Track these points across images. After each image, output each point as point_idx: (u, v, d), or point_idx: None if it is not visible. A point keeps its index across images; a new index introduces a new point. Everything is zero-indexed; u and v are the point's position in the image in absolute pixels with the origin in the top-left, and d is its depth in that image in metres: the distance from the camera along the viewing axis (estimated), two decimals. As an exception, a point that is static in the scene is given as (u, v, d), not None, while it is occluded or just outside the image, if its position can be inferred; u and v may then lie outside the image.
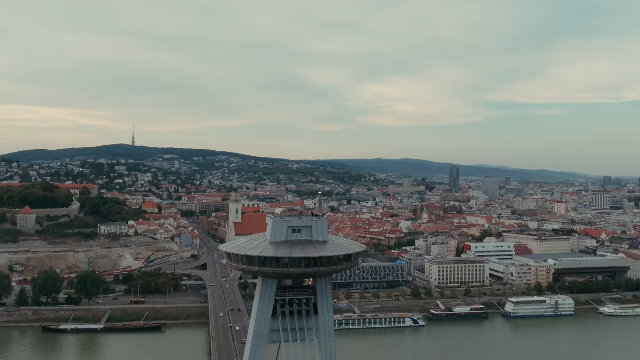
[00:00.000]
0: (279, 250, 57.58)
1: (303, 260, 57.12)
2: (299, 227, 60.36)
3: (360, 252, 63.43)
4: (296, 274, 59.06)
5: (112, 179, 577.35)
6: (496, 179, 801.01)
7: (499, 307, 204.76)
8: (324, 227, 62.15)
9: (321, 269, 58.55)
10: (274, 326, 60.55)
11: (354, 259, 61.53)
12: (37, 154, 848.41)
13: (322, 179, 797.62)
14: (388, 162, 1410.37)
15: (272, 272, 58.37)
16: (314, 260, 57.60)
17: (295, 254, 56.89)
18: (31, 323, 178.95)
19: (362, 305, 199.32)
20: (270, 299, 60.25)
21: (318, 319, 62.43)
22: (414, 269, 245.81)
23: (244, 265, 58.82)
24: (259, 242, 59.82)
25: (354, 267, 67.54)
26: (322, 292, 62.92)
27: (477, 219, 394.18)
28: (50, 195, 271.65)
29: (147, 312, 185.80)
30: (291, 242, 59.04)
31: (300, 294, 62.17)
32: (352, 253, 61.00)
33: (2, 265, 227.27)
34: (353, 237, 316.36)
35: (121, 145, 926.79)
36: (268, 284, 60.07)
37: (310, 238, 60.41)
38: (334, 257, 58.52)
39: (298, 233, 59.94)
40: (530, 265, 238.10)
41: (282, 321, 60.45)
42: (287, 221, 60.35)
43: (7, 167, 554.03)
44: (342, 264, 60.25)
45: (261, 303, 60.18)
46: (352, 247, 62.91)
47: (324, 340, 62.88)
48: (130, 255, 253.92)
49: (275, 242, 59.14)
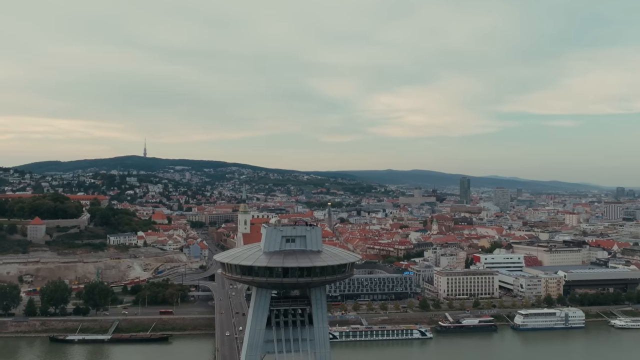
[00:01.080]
0: (272, 260, 57.41)
1: (296, 270, 56.90)
2: (292, 236, 60.13)
3: (354, 262, 62.90)
4: (289, 283, 58.78)
5: (123, 190, 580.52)
6: (507, 190, 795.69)
7: (508, 319, 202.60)
8: (317, 237, 61.88)
9: (314, 278, 58.23)
10: (268, 336, 60.23)
11: (348, 269, 61.16)
12: (50, 166, 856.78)
13: (332, 190, 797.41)
14: (399, 173, 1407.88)
15: (265, 281, 58.13)
16: (307, 270, 57.38)
17: (289, 263, 56.71)
18: (39, 333, 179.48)
19: (369, 316, 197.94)
20: (264, 309, 59.96)
21: (313, 330, 61.99)
22: (422, 280, 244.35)
23: (237, 275, 58.68)
24: (252, 252, 59.70)
25: (348, 277, 67.12)
26: (316, 302, 62.55)
27: (487, 230, 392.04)
28: (60, 206, 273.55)
29: (154, 323, 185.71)
30: (285, 251, 58.85)
31: (294, 304, 61.86)
32: (346, 263, 60.66)
33: (12, 275, 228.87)
34: (362, 249, 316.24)
35: (133, 157, 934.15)
36: (262, 294, 59.86)
37: (305, 248, 60.16)
38: (327, 267, 58.25)
39: (292, 243, 59.74)
40: (540, 276, 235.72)
41: (276, 331, 60.11)
42: (280, 231, 60.18)
43: (20, 178, 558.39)
44: (336, 274, 59.93)
45: (255, 313, 59.95)
46: (346, 257, 62.58)
47: (318, 351, 62.38)
48: (138, 266, 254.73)
49: (269, 251, 59.00)
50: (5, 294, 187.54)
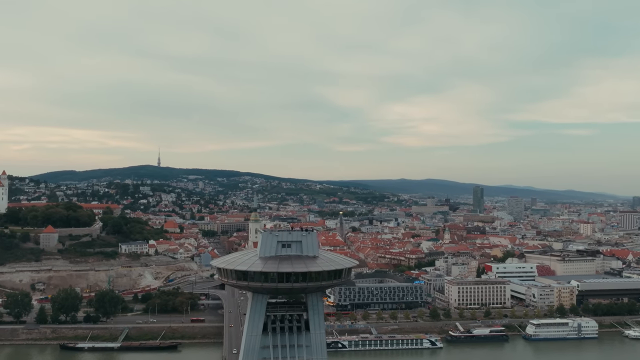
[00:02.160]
0: (267, 265, 57.35)
1: (291, 275, 56.74)
2: (288, 242, 60.08)
3: (351, 268, 62.62)
4: (284, 289, 58.61)
5: (137, 199, 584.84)
6: (521, 200, 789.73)
7: (519, 329, 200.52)
8: (313, 242, 61.74)
9: (310, 284, 58.02)
10: (264, 342, 60.02)
11: (344, 275, 60.91)
12: (66, 175, 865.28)
13: (345, 199, 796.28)
14: (412, 182, 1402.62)
15: (260, 286, 58.06)
16: (302, 275, 57.18)
17: (284, 268, 56.60)
18: (50, 341, 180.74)
19: (379, 326, 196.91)
20: (260, 315, 59.84)
21: (309, 336, 61.67)
22: (433, 289, 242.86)
23: (233, 279, 58.70)
24: (248, 257, 59.74)
25: (344, 283, 67.21)
26: (313, 308, 62.25)
27: (500, 240, 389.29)
28: (73, 215, 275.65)
29: (164, 331, 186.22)
30: (280, 257, 58.75)
31: (291, 309, 61.65)
32: (342, 268, 60.39)
33: (24, 283, 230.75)
34: (373, 258, 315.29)
35: (147, 166, 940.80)
36: (258, 300, 59.77)
37: (300, 253, 60.04)
38: (322, 272, 58.05)
39: (288, 248, 59.67)
40: (552, 286, 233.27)
41: (272, 337, 59.92)
42: (276, 236, 60.16)
43: (35, 187, 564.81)
44: (332, 279, 59.65)
45: (251, 319, 59.85)
46: (343, 263, 62.30)
47: (315, 358, 61.99)
48: (150, 275, 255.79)
49: (265, 257, 58.94)
50: (16, 302, 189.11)
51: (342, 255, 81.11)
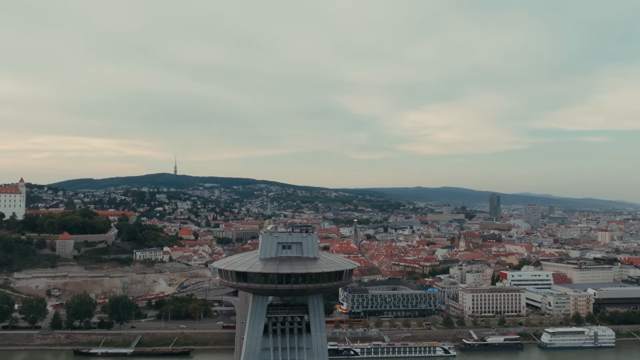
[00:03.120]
0: (267, 266, 57.23)
1: (291, 276, 56.50)
2: (288, 243, 59.91)
3: (352, 270, 62.21)
4: (284, 290, 58.39)
5: (153, 206, 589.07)
6: (538, 207, 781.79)
7: (535, 337, 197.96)
8: (314, 244, 61.53)
9: (309, 285, 57.74)
10: (265, 344, 59.79)
11: (345, 277, 60.51)
12: (84, 183, 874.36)
13: (360, 207, 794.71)
14: (428, 190, 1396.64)
15: (259, 288, 57.91)
16: (302, 276, 56.92)
17: (283, 269, 56.39)
18: (64, 346, 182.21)
19: (392, 333, 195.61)
20: (261, 317, 59.66)
21: (310, 338, 61.32)
22: (447, 297, 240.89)
23: (233, 281, 58.71)
24: (248, 259, 59.69)
25: (345, 285, 66.49)
26: (314, 310, 61.91)
27: (516, 248, 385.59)
28: (88, 222, 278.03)
29: (177, 337, 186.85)
30: (280, 258, 58.59)
31: (292, 312, 61.41)
32: (343, 270, 60.00)
33: (40, 289, 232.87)
34: (387, 265, 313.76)
35: (164, 174, 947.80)
36: (258, 301, 59.63)
37: (301, 254, 59.82)
38: (322, 273, 57.72)
39: (288, 249, 59.49)
40: (568, 294, 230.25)
41: (273, 339, 59.69)
42: (276, 237, 60.03)
43: (53, 195, 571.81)
44: (332, 281, 59.29)
45: (252, 320, 59.70)
46: (343, 264, 61.92)
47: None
48: (164, 281, 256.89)
49: (265, 258, 58.83)
50: (31, 307, 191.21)
51: (343, 257, 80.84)
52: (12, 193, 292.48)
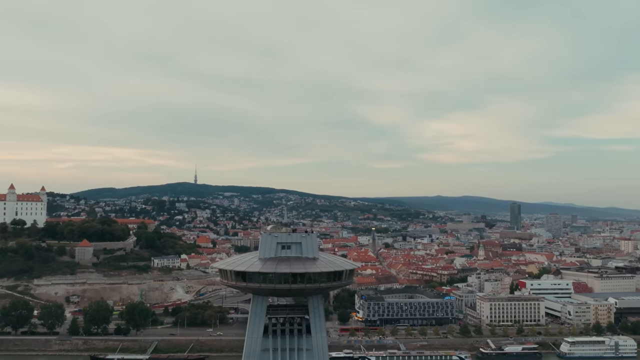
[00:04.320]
0: (265, 266, 57.19)
1: (289, 275, 56.37)
2: (288, 243, 59.83)
3: (353, 270, 61.86)
4: (282, 290, 58.26)
5: (173, 215, 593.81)
6: (560, 216, 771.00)
7: (554, 347, 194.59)
8: (313, 244, 61.37)
9: (308, 285, 57.50)
10: (265, 345, 59.64)
11: (345, 277, 60.14)
12: (105, 192, 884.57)
13: (379, 216, 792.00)
14: (448, 199, 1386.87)
15: (258, 287, 57.87)
16: (300, 276, 56.73)
17: (281, 269, 56.29)
18: (81, 352, 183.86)
19: (408, 341, 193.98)
20: (260, 317, 59.57)
21: (311, 339, 60.99)
22: (465, 305, 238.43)
23: (232, 281, 58.74)
24: (248, 259, 59.76)
25: (345, 285, 66.11)
26: (314, 311, 61.58)
27: (536, 257, 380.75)
28: (107, 229, 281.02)
29: (192, 343, 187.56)
30: (279, 258, 58.53)
31: (292, 312, 61.23)
32: (342, 270, 59.66)
33: (59, 296, 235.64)
34: (405, 274, 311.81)
35: (184, 184, 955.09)
36: (258, 301, 59.57)
37: (300, 255, 59.67)
38: (321, 273, 57.44)
39: (287, 250, 59.40)
40: (589, 303, 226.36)
41: (272, 340, 59.53)
42: (275, 237, 59.99)
43: (75, 204, 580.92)
44: (331, 281, 58.96)
45: (252, 321, 59.63)
46: (343, 265, 61.63)
47: None
48: (181, 288, 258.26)
49: (264, 258, 58.83)
50: (50, 313, 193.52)
51: (343, 258, 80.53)
52: (34, 201, 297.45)
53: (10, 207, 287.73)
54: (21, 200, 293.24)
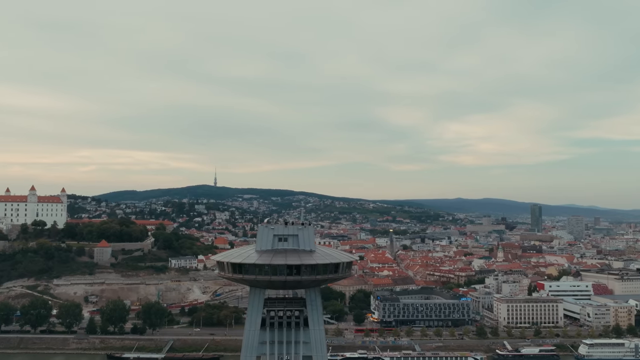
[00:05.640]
0: (261, 258, 57.25)
1: (285, 267, 56.37)
2: (284, 235, 59.85)
3: (350, 262, 61.58)
4: (278, 282, 58.23)
5: (192, 217, 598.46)
6: (582, 218, 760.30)
7: (572, 349, 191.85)
8: (310, 236, 61.32)
9: (303, 277, 57.43)
10: (262, 338, 59.71)
11: (342, 270, 59.89)
12: (127, 195, 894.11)
13: (398, 218, 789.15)
14: (469, 201, 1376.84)
15: (254, 279, 57.96)
16: (296, 267, 56.68)
17: (276, 261, 56.29)
18: (98, 351, 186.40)
19: (423, 342, 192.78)
20: (258, 310, 59.69)
21: (308, 332, 60.89)
22: (482, 307, 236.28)
23: (229, 273, 58.91)
24: (245, 251, 59.89)
25: (342, 278, 65.80)
26: (311, 304, 61.47)
27: (556, 258, 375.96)
28: (126, 230, 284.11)
29: (207, 343, 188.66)
30: (275, 250, 58.56)
31: (290, 305, 61.20)
32: (339, 262, 59.46)
33: (78, 295, 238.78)
34: (422, 275, 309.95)
35: (204, 186, 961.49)
36: (256, 294, 59.69)
37: (297, 247, 59.62)
38: (317, 265, 57.31)
39: (284, 242, 59.41)
40: (609, 305, 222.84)
41: (270, 333, 59.57)
42: (272, 229, 60.04)
43: (97, 206, 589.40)
44: (328, 273, 58.72)
45: (249, 314, 59.81)
46: (339, 257, 61.46)
47: (315, 355, 61.16)
48: (198, 289, 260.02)
49: (261, 250, 58.91)
50: (68, 313, 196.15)
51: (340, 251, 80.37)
52: (54, 203, 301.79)
53: (31, 208, 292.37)
54: (42, 201, 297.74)
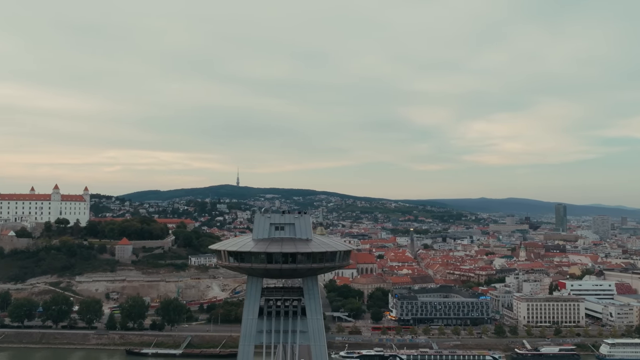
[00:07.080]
0: (257, 246, 57.42)
1: (280, 255, 56.41)
2: (281, 224, 59.95)
3: (348, 251, 61.32)
4: (274, 270, 58.29)
5: (213, 216, 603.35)
6: (608, 218, 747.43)
7: (593, 348, 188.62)
8: (307, 225, 61.31)
9: (299, 265, 57.40)
10: (260, 327, 59.88)
11: (338, 259, 59.68)
12: (150, 195, 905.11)
13: (420, 218, 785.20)
14: (492, 201, 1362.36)
15: (249, 267, 58.13)
16: (291, 255, 56.68)
17: (272, 249, 56.39)
18: (117, 346, 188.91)
19: (440, 341, 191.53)
20: (255, 299, 59.87)
21: (306, 321, 60.88)
22: (501, 306, 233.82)
23: (226, 261, 59.23)
24: (242, 239, 60.19)
25: (339, 267, 65.60)
26: (309, 292, 61.41)
27: (580, 258, 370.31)
28: (146, 228, 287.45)
29: (225, 340, 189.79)
30: (272, 239, 58.68)
31: (287, 294, 61.32)
32: (336, 251, 59.33)
33: (100, 292, 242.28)
34: (442, 274, 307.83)
35: (226, 186, 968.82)
36: (253, 282, 59.92)
37: (294, 236, 59.66)
38: (312, 253, 57.26)
39: (281, 230, 59.51)
40: (632, 305, 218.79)
41: (267, 322, 59.71)
42: (268, 218, 60.16)
43: (120, 205, 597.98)
44: (324, 262, 58.60)
45: (247, 303, 60.05)
46: (336, 246, 61.40)
47: (313, 344, 61.13)
48: (217, 286, 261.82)
49: (257, 239, 59.10)
50: (88, 309, 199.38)
51: (337, 239, 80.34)
52: (77, 201, 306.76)
53: (55, 206, 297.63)
54: (65, 200, 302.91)
